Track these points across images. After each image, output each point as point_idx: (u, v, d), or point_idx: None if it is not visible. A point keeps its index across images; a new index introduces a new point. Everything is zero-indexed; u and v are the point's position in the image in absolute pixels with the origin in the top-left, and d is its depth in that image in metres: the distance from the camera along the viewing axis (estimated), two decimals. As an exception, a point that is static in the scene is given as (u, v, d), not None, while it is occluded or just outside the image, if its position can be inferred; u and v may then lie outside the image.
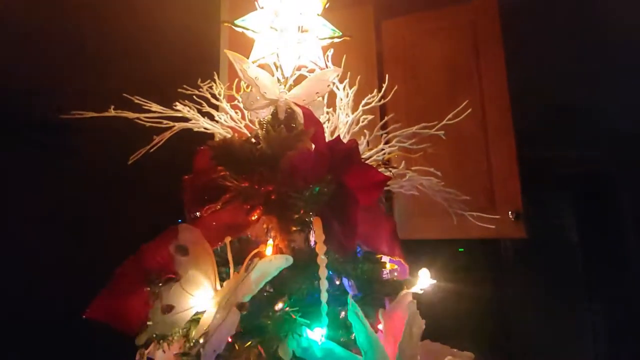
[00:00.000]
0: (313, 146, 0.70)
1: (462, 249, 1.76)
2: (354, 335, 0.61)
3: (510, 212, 1.47)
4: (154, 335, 0.59)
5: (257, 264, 0.55)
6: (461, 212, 0.92)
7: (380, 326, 0.67)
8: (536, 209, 1.48)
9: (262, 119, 0.80)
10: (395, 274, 0.86)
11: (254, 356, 0.66)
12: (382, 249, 0.82)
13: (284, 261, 0.57)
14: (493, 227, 0.92)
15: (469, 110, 0.96)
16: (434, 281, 0.73)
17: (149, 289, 0.61)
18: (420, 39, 1.67)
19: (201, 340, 0.51)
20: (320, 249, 0.61)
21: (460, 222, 1.56)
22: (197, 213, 0.73)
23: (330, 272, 0.72)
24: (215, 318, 0.51)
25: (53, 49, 1.50)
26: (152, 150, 0.94)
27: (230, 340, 0.65)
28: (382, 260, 0.83)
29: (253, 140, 0.73)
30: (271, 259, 0.57)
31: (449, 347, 0.65)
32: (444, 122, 0.96)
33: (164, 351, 0.59)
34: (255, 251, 0.59)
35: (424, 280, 0.73)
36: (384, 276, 0.81)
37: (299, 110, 0.76)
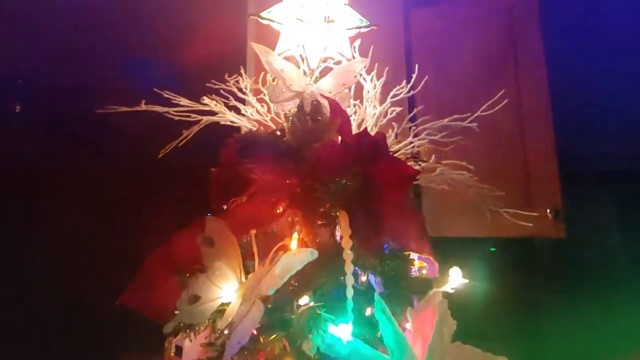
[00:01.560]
0: (339, 138, 0.69)
1: (494, 249, 1.69)
2: (380, 333, 0.60)
3: (548, 211, 1.39)
4: (181, 325, 0.59)
5: (281, 257, 0.54)
6: (496, 209, 0.88)
7: (408, 325, 0.65)
8: (576, 208, 1.38)
9: (287, 112, 0.79)
10: (424, 271, 0.83)
11: (278, 349, 0.66)
12: (410, 246, 0.79)
13: (309, 255, 0.56)
14: (531, 224, 0.87)
15: (505, 102, 0.91)
16: (466, 280, 0.70)
17: (177, 279, 0.62)
18: (451, 28, 1.60)
19: (226, 332, 0.51)
20: (346, 244, 0.59)
21: (494, 220, 1.49)
22: (224, 206, 0.73)
23: (356, 268, 0.71)
24: (240, 310, 0.51)
25: (89, 48, 1.56)
26: (181, 144, 0.96)
27: (255, 333, 0.66)
28: (410, 257, 0.80)
29: (278, 132, 0.72)
30: (295, 253, 0.56)
31: (481, 350, 0.62)
32: (477, 114, 0.91)
33: (190, 340, 0.59)
34: (280, 244, 0.58)
35: (455, 279, 0.69)
36: (412, 274, 0.79)
37: (325, 102, 0.75)
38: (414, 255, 0.81)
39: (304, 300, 0.58)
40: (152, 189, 1.53)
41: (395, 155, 0.86)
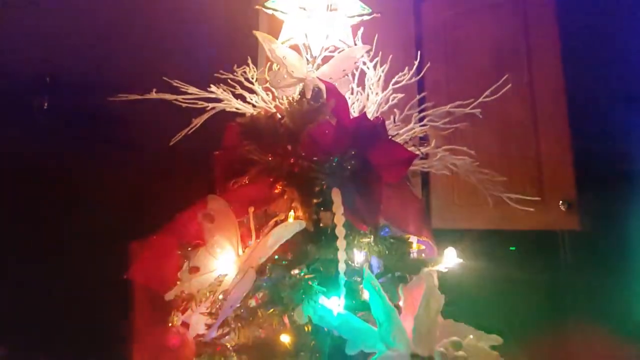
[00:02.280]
0: (335, 120, 0.71)
1: (513, 248, 1.66)
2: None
3: (561, 202, 1.36)
4: (183, 295, 0.63)
5: (274, 230, 0.57)
6: (498, 194, 0.87)
7: (401, 303, 0.66)
8: (591, 200, 1.34)
9: (289, 97, 0.81)
10: (423, 255, 0.84)
11: (276, 323, 0.69)
12: (409, 229, 0.80)
13: (297, 225, 0.58)
14: (532, 209, 0.86)
15: (508, 86, 0.90)
16: (460, 260, 0.71)
17: (180, 253, 0.66)
18: (463, 18, 1.59)
19: (221, 297, 0.54)
20: (339, 221, 0.61)
21: (506, 212, 1.47)
22: (227, 187, 0.77)
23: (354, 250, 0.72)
24: (235, 278, 0.54)
25: (102, 40, 1.63)
26: (190, 132, 1.00)
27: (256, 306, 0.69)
28: (409, 240, 0.81)
29: (279, 116, 0.75)
30: (286, 225, 0.59)
31: (474, 328, 0.63)
32: (480, 99, 0.91)
33: (192, 310, 0.63)
34: (276, 219, 0.61)
35: (450, 260, 0.70)
36: (410, 256, 0.80)
37: (324, 87, 0.77)
38: (413, 239, 0.82)
39: (296, 271, 0.60)
40: (166, 177, 1.60)
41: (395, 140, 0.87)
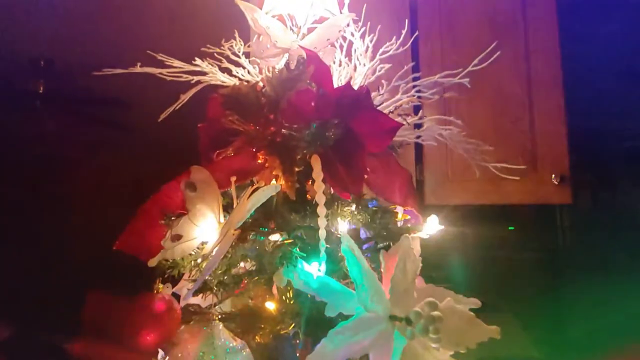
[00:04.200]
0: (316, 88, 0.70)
1: (512, 227, 1.67)
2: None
3: (553, 176, 1.36)
4: (168, 263, 0.64)
5: (252, 195, 0.57)
6: (485, 164, 0.87)
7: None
8: (584, 173, 1.34)
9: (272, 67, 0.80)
10: (409, 225, 0.85)
11: (261, 291, 0.71)
12: (394, 199, 0.81)
13: (273, 188, 0.59)
14: (517, 178, 0.85)
15: (497, 54, 0.88)
16: (442, 227, 0.71)
17: (164, 222, 0.67)
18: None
19: (203, 263, 0.55)
20: (318, 187, 0.62)
21: (498, 187, 1.47)
22: (211, 159, 0.77)
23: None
24: (214, 242, 0.55)
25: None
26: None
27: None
28: (394, 210, 0.82)
29: (261, 85, 0.74)
30: (263, 189, 0.59)
31: (454, 292, 0.64)
32: (468, 68, 0.90)
33: (175, 276, 0.64)
34: (256, 187, 0.61)
35: (432, 226, 0.71)
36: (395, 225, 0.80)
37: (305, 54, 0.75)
38: (398, 209, 0.83)
39: (276, 237, 0.61)
40: (162, 160, 1.61)
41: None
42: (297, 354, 0.59)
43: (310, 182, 0.72)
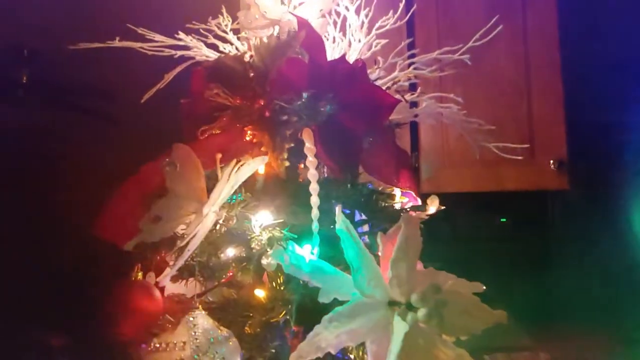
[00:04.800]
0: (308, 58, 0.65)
1: (504, 219, 1.64)
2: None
3: (551, 161, 1.33)
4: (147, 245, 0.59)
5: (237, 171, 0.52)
6: (485, 144, 0.83)
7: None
8: (581, 159, 1.32)
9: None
10: (407, 207, 0.80)
11: (250, 279, 0.66)
12: (391, 180, 0.76)
13: (260, 161, 0.54)
14: (520, 158, 0.82)
15: (499, 28, 0.84)
16: (442, 207, 0.67)
17: (143, 203, 0.61)
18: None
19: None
20: (310, 163, 0.57)
21: (494, 173, 1.44)
22: (194, 137, 0.71)
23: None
24: (195, 221, 0.50)
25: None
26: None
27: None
28: (392, 192, 0.77)
29: (247, 56, 0.69)
30: (248, 163, 0.54)
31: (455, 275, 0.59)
32: (469, 44, 0.85)
33: (158, 257, 0.59)
34: (242, 162, 0.56)
35: (432, 206, 0.66)
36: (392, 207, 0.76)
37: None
38: (396, 191, 0.78)
39: (267, 219, 0.56)
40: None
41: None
42: (289, 344, 0.54)
43: (302, 165, 0.67)
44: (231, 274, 0.67)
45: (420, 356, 0.52)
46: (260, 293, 0.65)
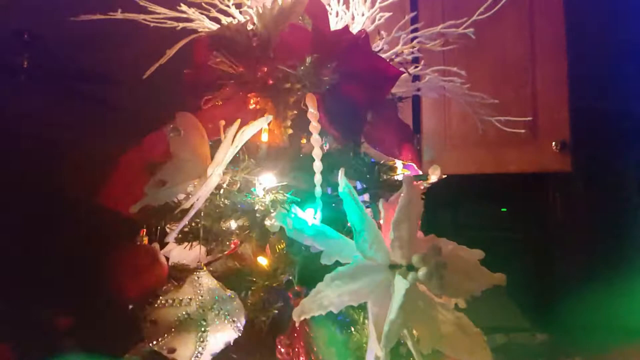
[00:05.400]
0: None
1: (504, 209, 1.64)
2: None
3: (554, 143, 1.32)
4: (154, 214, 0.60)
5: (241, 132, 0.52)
6: (488, 118, 0.83)
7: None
8: (585, 140, 1.31)
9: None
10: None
11: (253, 247, 0.67)
12: (393, 152, 0.76)
13: (265, 120, 0.54)
14: (523, 131, 0.81)
15: (503, 1, 0.83)
16: (444, 175, 0.67)
17: (146, 170, 0.62)
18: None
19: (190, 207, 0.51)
20: (314, 128, 0.57)
21: (497, 155, 1.44)
22: (198, 106, 0.71)
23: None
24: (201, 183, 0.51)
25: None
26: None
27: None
28: (394, 164, 0.78)
29: (250, 25, 0.68)
30: (251, 124, 0.54)
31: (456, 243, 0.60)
32: (473, 17, 0.84)
33: (160, 227, 0.60)
34: (245, 128, 0.57)
35: (433, 175, 0.67)
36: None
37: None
38: (398, 163, 0.79)
39: (271, 181, 0.57)
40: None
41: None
42: (292, 304, 0.55)
43: (304, 140, 0.68)
44: (234, 245, 0.68)
45: (419, 317, 0.53)
46: (263, 261, 0.66)
